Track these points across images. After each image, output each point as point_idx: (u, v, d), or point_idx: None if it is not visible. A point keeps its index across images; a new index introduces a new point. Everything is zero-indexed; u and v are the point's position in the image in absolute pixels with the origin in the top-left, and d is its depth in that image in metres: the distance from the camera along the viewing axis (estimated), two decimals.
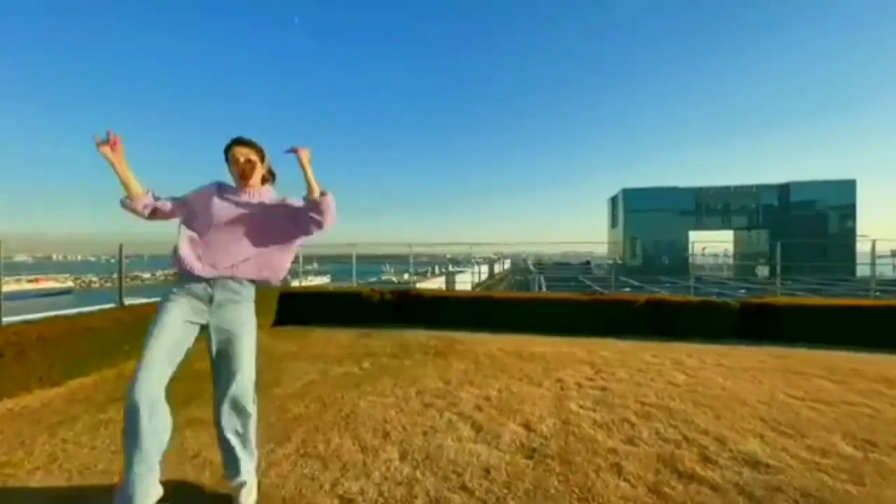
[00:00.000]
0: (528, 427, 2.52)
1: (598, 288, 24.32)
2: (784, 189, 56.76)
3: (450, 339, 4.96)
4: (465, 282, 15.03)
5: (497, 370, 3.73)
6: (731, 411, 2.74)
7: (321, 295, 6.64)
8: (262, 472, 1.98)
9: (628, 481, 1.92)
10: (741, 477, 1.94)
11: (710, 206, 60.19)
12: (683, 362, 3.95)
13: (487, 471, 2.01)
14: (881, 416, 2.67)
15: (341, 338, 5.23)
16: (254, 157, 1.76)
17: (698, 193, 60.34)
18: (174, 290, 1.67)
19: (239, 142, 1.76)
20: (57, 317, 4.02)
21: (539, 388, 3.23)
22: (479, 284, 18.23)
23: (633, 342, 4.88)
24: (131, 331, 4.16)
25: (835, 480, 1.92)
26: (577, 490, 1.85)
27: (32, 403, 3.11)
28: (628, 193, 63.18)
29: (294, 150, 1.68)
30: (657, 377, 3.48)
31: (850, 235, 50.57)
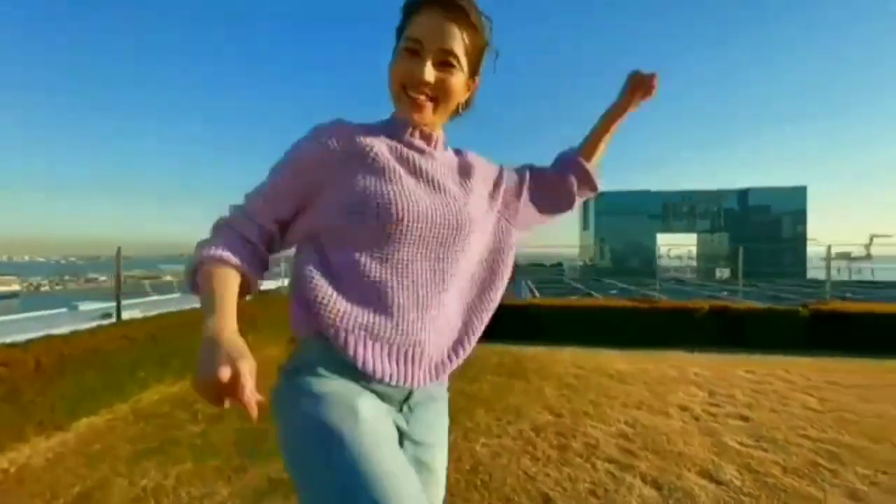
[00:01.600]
0: (711, 478, 2.06)
1: (584, 289, 24.50)
2: (743, 194, 59.97)
3: (511, 355, 4.44)
4: None
5: (598, 394, 3.25)
6: None
7: None
8: None
9: None
10: None
11: (676, 209, 62.74)
12: (791, 380, 3.62)
13: None
14: None
15: None
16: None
17: (666, 197, 62.75)
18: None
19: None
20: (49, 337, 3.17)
21: (671, 420, 2.78)
22: None
23: (706, 355, 4.54)
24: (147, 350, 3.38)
25: None
26: None
27: (33, 461, 2.34)
28: (599, 196, 64.69)
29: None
30: (784, 400, 3.12)
31: (801, 239, 54.10)
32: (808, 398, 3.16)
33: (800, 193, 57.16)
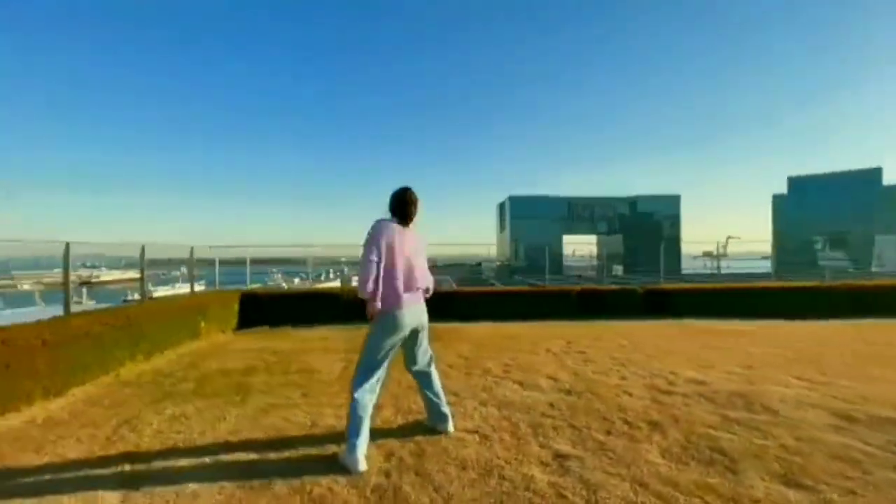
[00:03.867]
0: (554, 378, 3.43)
1: (498, 284, 26.78)
2: (633, 201, 68.90)
3: (437, 330, 5.62)
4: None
5: (497, 348, 4.58)
6: (670, 356, 4.05)
7: (293, 296, 6.66)
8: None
9: (637, 398, 2.95)
10: (692, 389, 3.13)
11: (579, 213, 69.87)
12: (620, 332, 5.33)
13: (551, 405, 2.85)
14: (734, 349, 4.25)
15: (335, 334, 5.51)
16: None
17: (570, 202, 69.55)
18: None
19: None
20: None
21: (538, 356, 4.18)
22: None
23: (572, 322, 6.20)
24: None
25: (730, 383, 3.23)
26: (611, 406, 2.81)
27: (50, 415, 2.91)
28: (514, 201, 69.66)
29: None
30: (610, 343, 4.74)
31: (676, 240, 63.68)
32: (623, 340, 4.83)
33: (675, 200, 67.63)
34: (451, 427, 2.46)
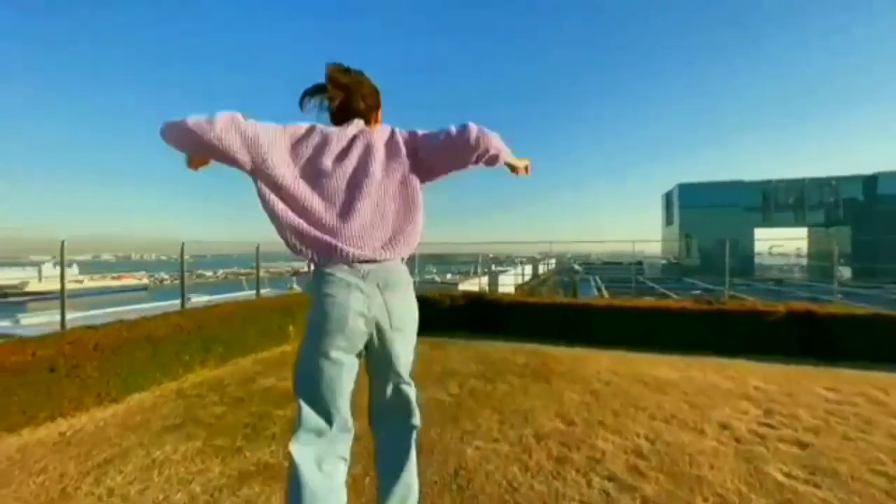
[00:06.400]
0: None
1: (663, 290, 22.52)
2: (870, 180, 50.64)
3: (542, 356, 4.18)
4: (507, 284, 13.98)
5: (626, 404, 2.92)
6: None
7: None
8: None
9: None
10: None
11: (779, 201, 54.95)
12: (884, 403, 2.93)
13: None
14: None
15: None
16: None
17: (766, 187, 55.24)
18: None
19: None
20: (119, 322, 3.66)
21: (704, 438, 2.39)
22: (523, 285, 17.36)
23: (777, 366, 3.86)
24: (192, 339, 3.75)
25: None
26: None
27: (87, 426, 2.70)
28: (684, 189, 59.22)
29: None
30: (865, 426, 2.52)
31: None
32: (893, 421, 2.52)
33: None
34: None
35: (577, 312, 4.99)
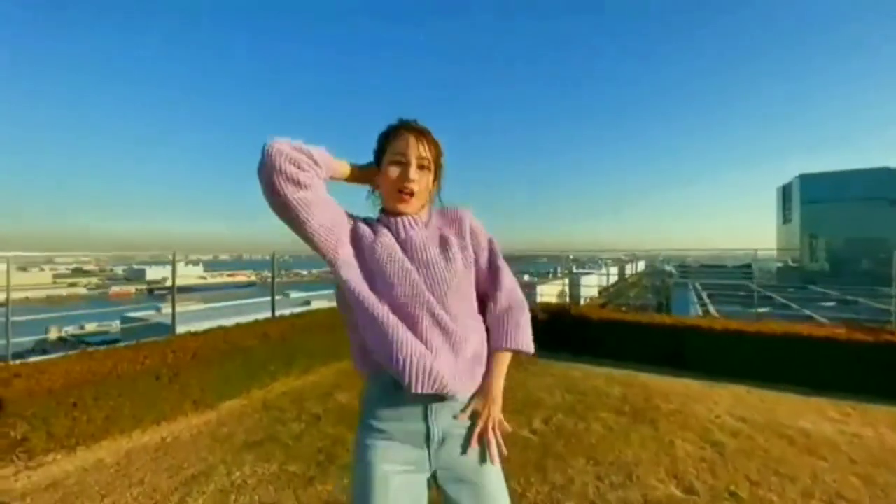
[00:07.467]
0: None
1: (783, 300, 19.37)
2: None
3: (642, 388, 3.60)
4: (591, 284, 13.01)
5: (765, 468, 2.29)
6: None
7: None
8: None
9: None
10: None
11: None
12: None
13: None
14: None
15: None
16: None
17: None
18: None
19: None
20: (219, 328, 3.91)
21: None
22: (607, 288, 16.07)
23: None
24: (277, 349, 3.88)
25: None
26: None
27: (184, 433, 2.85)
28: (806, 180, 50.83)
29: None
30: None
31: None
32: None
33: None
34: None
35: (684, 333, 4.26)
